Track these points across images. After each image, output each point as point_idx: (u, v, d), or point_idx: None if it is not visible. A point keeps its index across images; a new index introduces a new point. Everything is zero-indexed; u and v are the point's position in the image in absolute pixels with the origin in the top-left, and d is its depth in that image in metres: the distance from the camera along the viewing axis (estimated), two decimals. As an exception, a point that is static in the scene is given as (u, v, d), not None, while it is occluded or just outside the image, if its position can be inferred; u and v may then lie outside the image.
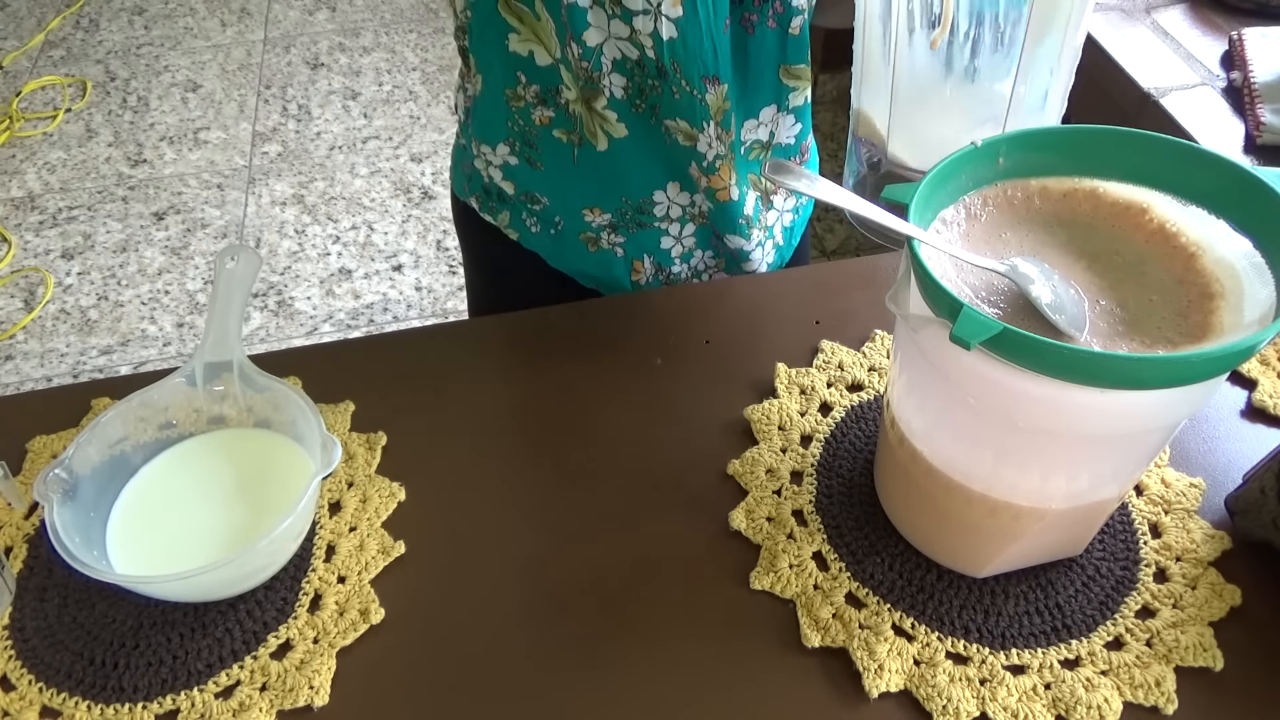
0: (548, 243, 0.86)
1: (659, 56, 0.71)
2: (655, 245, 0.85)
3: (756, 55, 0.75)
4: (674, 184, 0.81)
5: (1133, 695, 0.52)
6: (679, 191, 0.81)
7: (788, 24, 0.73)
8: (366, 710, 0.54)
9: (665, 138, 0.77)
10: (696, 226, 0.84)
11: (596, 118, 0.76)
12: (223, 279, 0.63)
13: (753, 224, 0.85)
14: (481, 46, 0.76)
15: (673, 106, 0.74)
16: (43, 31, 2.81)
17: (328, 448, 0.56)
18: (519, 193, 0.84)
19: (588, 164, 0.79)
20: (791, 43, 0.75)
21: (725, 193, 0.80)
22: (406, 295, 2.04)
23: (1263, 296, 0.46)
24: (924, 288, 0.45)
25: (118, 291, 2.06)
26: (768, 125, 0.80)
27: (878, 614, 0.56)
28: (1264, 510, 0.57)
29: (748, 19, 0.72)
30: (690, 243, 0.85)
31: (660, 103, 0.74)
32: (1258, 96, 1.02)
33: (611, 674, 0.55)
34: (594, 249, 0.85)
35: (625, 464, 0.65)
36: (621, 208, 0.82)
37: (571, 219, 0.83)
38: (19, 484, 0.65)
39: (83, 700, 0.54)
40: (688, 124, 0.75)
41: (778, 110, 0.79)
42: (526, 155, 0.81)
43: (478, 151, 0.84)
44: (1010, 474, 0.51)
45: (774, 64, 0.76)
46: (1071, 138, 0.52)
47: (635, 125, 0.76)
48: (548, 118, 0.77)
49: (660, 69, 0.72)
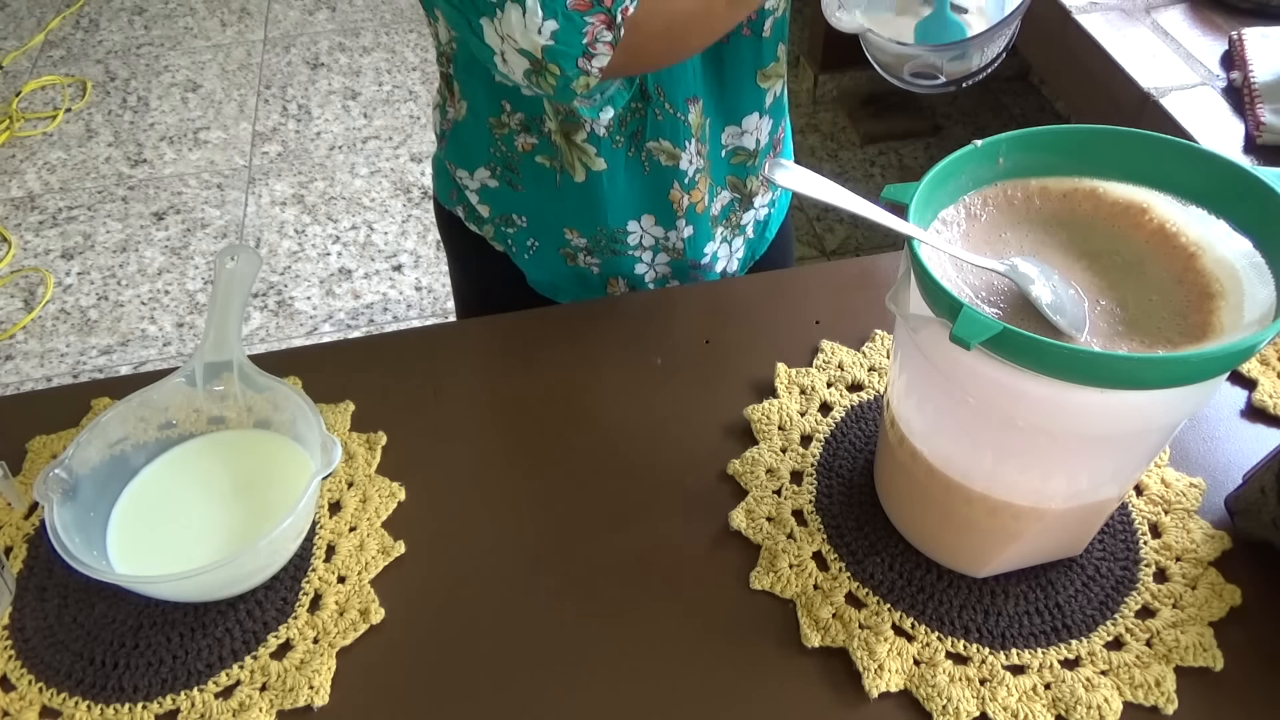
0: (525, 259, 0.87)
1: (643, 81, 0.71)
2: (630, 270, 0.85)
3: (733, 65, 0.74)
4: (649, 216, 0.81)
5: (1133, 695, 0.52)
6: (654, 224, 0.81)
7: (761, 28, 0.73)
8: (366, 710, 0.54)
9: (644, 166, 0.77)
10: (670, 259, 0.84)
11: (575, 150, 0.76)
12: (223, 279, 0.63)
13: (718, 223, 0.85)
14: (466, 76, 0.75)
15: (656, 128, 0.74)
16: (43, 31, 2.81)
17: (328, 448, 0.56)
18: (495, 215, 0.84)
19: (568, 190, 0.79)
20: (765, 45, 0.74)
21: (701, 204, 0.80)
22: (406, 295, 2.04)
23: (1263, 296, 0.46)
24: (924, 288, 0.45)
25: (118, 291, 2.06)
26: (752, 133, 0.80)
27: (878, 614, 0.56)
28: (1264, 510, 0.57)
29: None
30: (664, 270, 0.85)
31: (643, 126, 0.74)
32: (1258, 96, 1.02)
33: (611, 673, 0.55)
34: (571, 264, 0.85)
35: (625, 464, 0.65)
36: (596, 235, 0.82)
37: (551, 237, 0.84)
38: (19, 484, 0.65)
39: (83, 700, 0.54)
40: (670, 144, 0.75)
41: (760, 116, 0.79)
42: (508, 179, 0.80)
43: (454, 174, 0.84)
44: (1010, 474, 0.51)
45: (751, 70, 0.76)
46: (1071, 138, 0.52)
47: (614, 159, 0.76)
48: (530, 144, 0.76)
49: (644, 92, 0.72)
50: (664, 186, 0.78)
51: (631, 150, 0.76)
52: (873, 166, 2.27)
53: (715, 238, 0.85)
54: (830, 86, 2.44)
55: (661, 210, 0.80)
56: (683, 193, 0.79)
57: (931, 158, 2.26)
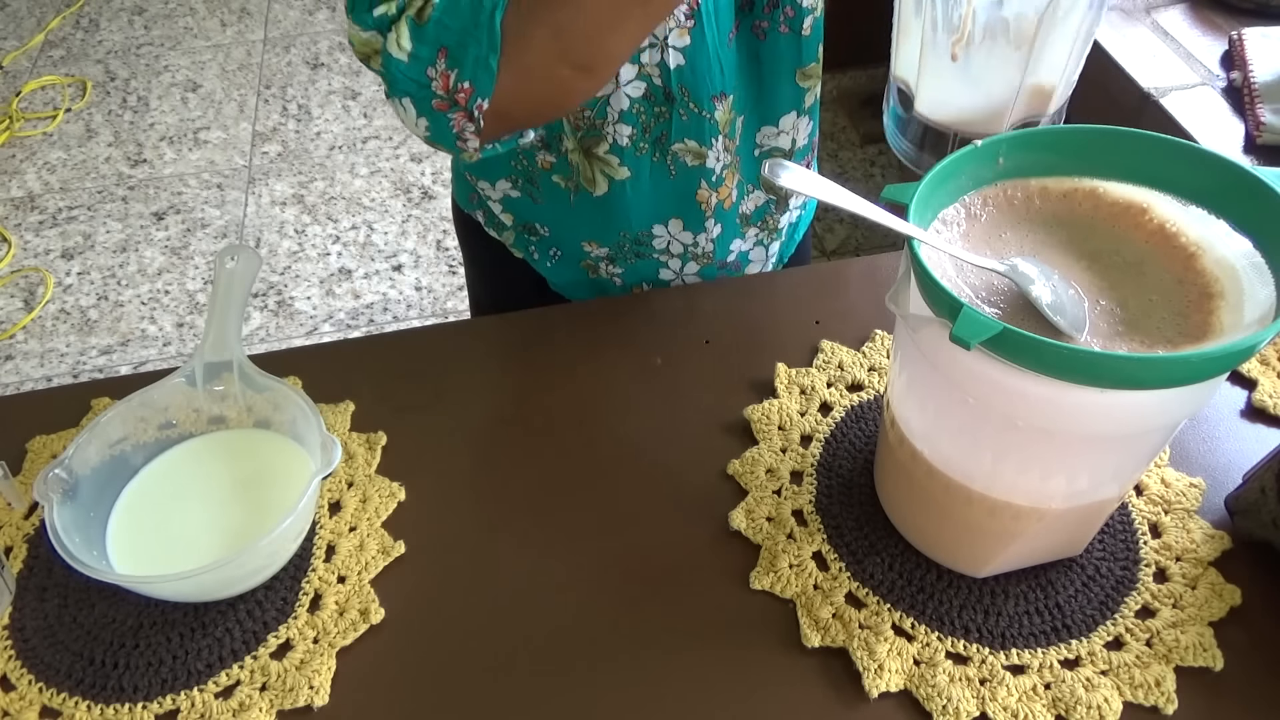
0: (547, 267, 0.86)
1: (666, 84, 0.71)
2: (654, 274, 0.84)
3: (771, 62, 0.74)
4: (677, 220, 0.80)
5: (1133, 695, 0.52)
6: (681, 229, 0.80)
7: (800, 26, 0.72)
8: (366, 710, 0.54)
9: (670, 170, 0.76)
10: (700, 265, 0.83)
11: (597, 163, 0.75)
12: (223, 279, 0.63)
13: (750, 223, 0.84)
14: None
15: (681, 129, 0.73)
16: (43, 31, 2.81)
17: (328, 448, 0.56)
18: (518, 223, 0.84)
19: (584, 206, 0.79)
20: (805, 44, 0.73)
21: (729, 200, 0.80)
22: (406, 295, 2.04)
23: (1263, 296, 0.46)
24: (924, 288, 0.45)
25: (118, 291, 2.06)
26: (789, 133, 0.79)
27: (878, 614, 0.56)
28: (1264, 510, 0.57)
29: (759, 26, 0.71)
30: (693, 279, 0.85)
31: (669, 129, 0.73)
32: (1258, 96, 1.02)
33: (611, 673, 0.55)
34: (593, 275, 0.85)
35: (625, 464, 0.65)
36: (619, 241, 0.82)
37: (571, 249, 0.83)
38: (19, 484, 0.65)
39: (83, 700, 0.54)
40: (696, 144, 0.74)
41: (798, 116, 0.78)
42: (528, 191, 0.80)
43: (475, 184, 0.83)
44: (1010, 474, 0.51)
45: (790, 68, 0.75)
46: (1071, 138, 0.52)
47: (638, 166, 0.76)
48: (549, 162, 0.76)
49: (668, 95, 0.71)
50: (691, 187, 0.77)
51: (656, 155, 0.75)
52: (873, 166, 2.27)
53: (747, 237, 0.84)
54: (830, 86, 2.43)
55: (689, 213, 0.79)
56: (710, 191, 0.78)
57: (931, 158, 2.26)
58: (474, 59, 0.57)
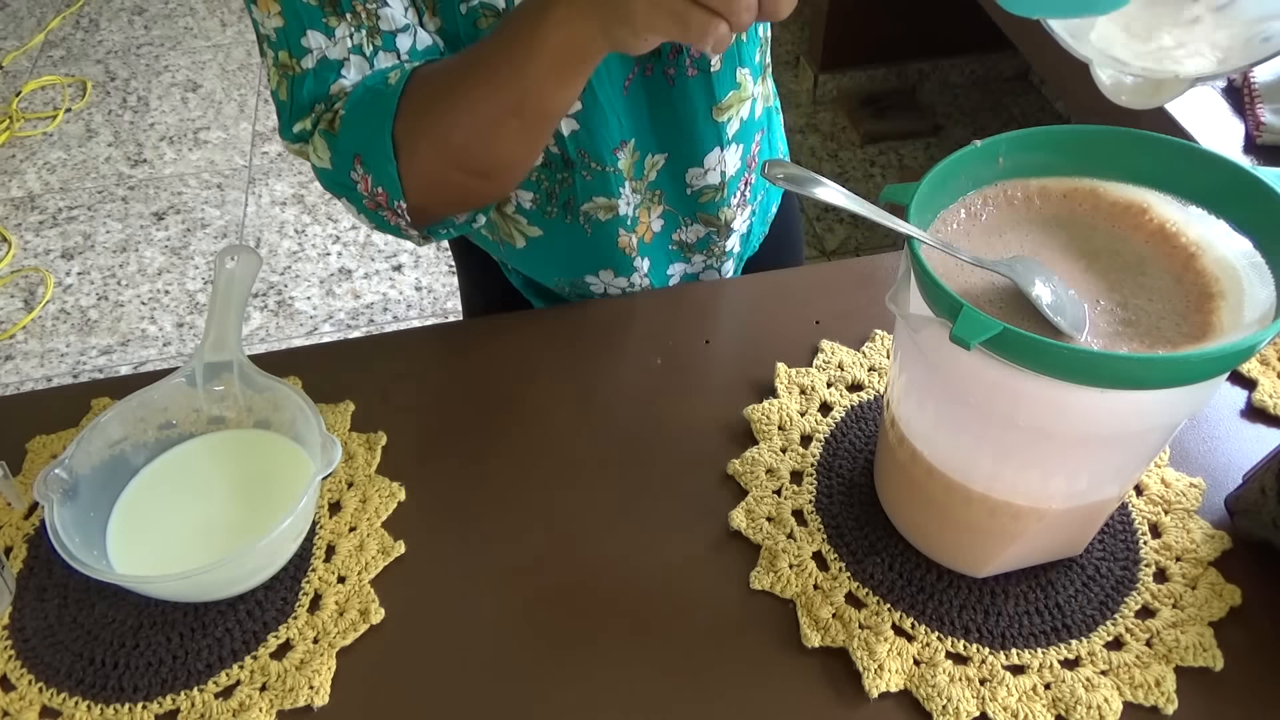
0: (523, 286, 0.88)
1: (564, 150, 0.71)
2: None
3: (684, 106, 0.72)
4: (607, 270, 0.80)
5: (1133, 695, 0.52)
6: (614, 277, 0.81)
7: (708, 65, 0.71)
8: (366, 710, 0.54)
9: (585, 228, 0.76)
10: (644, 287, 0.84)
11: (510, 220, 0.77)
12: (223, 279, 0.63)
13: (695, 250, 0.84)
14: None
15: (587, 189, 0.73)
16: (43, 31, 2.81)
17: (328, 448, 0.56)
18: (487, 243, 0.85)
19: (514, 256, 0.81)
20: (717, 80, 0.72)
21: (649, 234, 0.80)
22: (406, 295, 2.04)
23: (1263, 296, 0.46)
24: (924, 288, 0.45)
25: (118, 291, 2.06)
26: (715, 169, 0.77)
27: (878, 614, 0.56)
28: (1264, 510, 0.57)
29: (665, 73, 0.70)
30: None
31: (573, 194, 0.74)
32: (1258, 96, 1.02)
33: (611, 673, 0.55)
34: (558, 292, 0.86)
35: (625, 464, 0.65)
36: (559, 283, 0.83)
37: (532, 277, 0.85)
38: (19, 484, 0.65)
39: (83, 700, 0.54)
40: (605, 198, 0.74)
41: (721, 149, 0.76)
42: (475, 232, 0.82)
43: None
44: (1010, 474, 0.51)
45: (706, 108, 0.73)
46: (1071, 138, 0.52)
47: (550, 226, 0.76)
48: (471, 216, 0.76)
49: (567, 160, 0.71)
50: (610, 238, 0.77)
51: (569, 218, 0.75)
52: (873, 166, 2.27)
53: (693, 262, 0.84)
54: (830, 86, 2.43)
55: (616, 261, 0.79)
56: (629, 234, 0.78)
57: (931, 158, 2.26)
58: (378, 167, 0.61)
